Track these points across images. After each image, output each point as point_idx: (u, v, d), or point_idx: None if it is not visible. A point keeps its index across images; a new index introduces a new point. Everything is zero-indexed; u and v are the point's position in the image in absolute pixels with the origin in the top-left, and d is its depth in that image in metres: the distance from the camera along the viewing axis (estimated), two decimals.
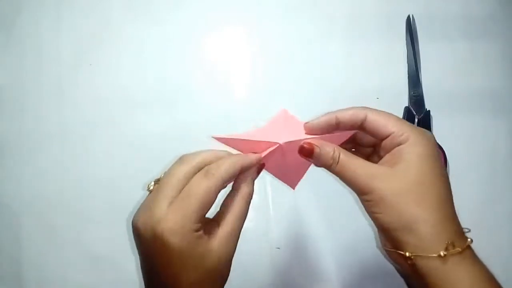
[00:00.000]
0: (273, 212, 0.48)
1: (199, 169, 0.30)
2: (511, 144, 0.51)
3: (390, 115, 0.31)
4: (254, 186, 0.32)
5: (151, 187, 0.31)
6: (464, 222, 0.49)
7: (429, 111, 0.50)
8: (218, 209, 0.32)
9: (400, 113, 0.50)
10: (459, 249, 0.28)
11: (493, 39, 0.52)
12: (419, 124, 0.49)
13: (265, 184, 0.48)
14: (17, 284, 0.48)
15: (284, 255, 0.48)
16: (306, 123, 0.33)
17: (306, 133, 0.33)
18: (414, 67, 0.50)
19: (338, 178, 0.32)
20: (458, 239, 0.28)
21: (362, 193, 0.30)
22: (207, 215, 0.30)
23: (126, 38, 0.51)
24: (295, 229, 0.48)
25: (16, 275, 0.48)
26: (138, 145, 0.49)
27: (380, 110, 0.31)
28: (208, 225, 0.30)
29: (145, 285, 0.32)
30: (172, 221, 0.28)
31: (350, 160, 0.30)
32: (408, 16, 0.51)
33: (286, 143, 0.32)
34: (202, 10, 0.51)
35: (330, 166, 0.31)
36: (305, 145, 0.32)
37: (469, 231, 0.31)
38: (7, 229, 0.49)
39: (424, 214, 0.28)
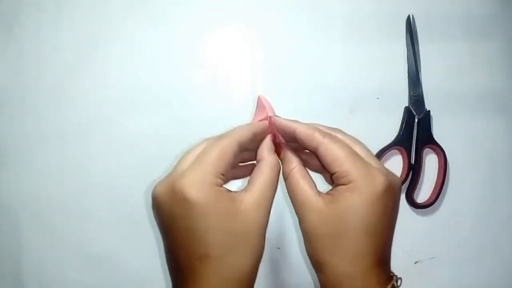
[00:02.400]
0: (273, 212, 0.48)
1: None
2: (511, 144, 0.51)
3: (343, 148, 0.29)
4: None
5: None
6: (464, 222, 0.50)
7: (429, 111, 0.50)
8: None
9: (400, 113, 0.50)
10: None
11: (493, 39, 0.52)
12: (419, 124, 0.49)
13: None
14: (17, 284, 0.48)
15: (284, 255, 0.48)
16: (275, 116, 0.34)
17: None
18: (414, 67, 0.50)
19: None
20: None
21: (298, 217, 0.30)
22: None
23: (125, 38, 0.51)
24: (295, 229, 0.48)
25: (16, 275, 0.48)
26: (138, 145, 0.49)
27: (338, 139, 0.30)
28: (234, 193, 0.29)
29: (170, 268, 0.30)
30: (191, 175, 0.27)
31: (298, 182, 0.30)
32: (408, 16, 0.51)
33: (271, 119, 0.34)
34: (201, 10, 0.51)
35: (284, 177, 0.32)
36: (276, 145, 0.33)
37: (399, 279, 0.30)
38: (7, 229, 0.49)
39: (332, 262, 0.28)
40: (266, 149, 0.32)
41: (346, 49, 0.51)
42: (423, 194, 0.50)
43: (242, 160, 0.35)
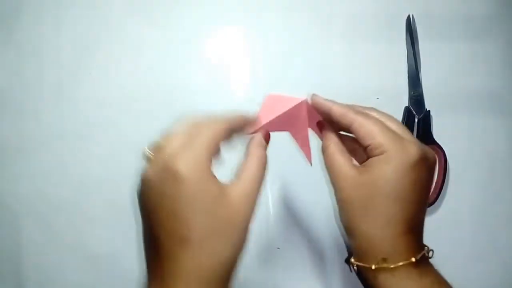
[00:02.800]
0: (273, 212, 0.48)
1: None
2: (511, 144, 0.51)
3: (377, 124, 0.30)
4: None
5: (148, 153, 0.31)
6: (464, 222, 0.50)
7: (429, 111, 0.50)
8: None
9: (400, 113, 0.50)
10: (390, 265, 0.29)
11: (493, 39, 0.52)
12: (419, 124, 0.49)
13: (265, 184, 0.48)
14: (17, 284, 0.48)
15: (284, 255, 0.48)
16: (314, 95, 0.35)
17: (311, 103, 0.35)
18: (414, 67, 0.50)
19: None
20: (398, 255, 0.29)
21: (333, 188, 0.31)
22: None
23: (125, 38, 0.51)
24: (295, 229, 0.48)
25: (16, 275, 0.48)
26: (138, 145, 0.49)
27: (371, 116, 0.32)
28: (223, 184, 0.29)
29: (146, 253, 0.30)
30: (184, 153, 0.27)
31: (334, 154, 0.32)
32: (408, 16, 0.51)
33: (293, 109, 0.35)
34: (201, 11, 0.51)
35: (323, 151, 0.33)
36: (319, 124, 0.35)
37: (431, 250, 0.32)
38: (7, 229, 0.49)
39: (363, 227, 0.30)
40: (255, 143, 0.32)
41: (346, 49, 0.51)
42: None
43: None
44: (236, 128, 0.31)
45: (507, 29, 0.52)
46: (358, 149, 0.34)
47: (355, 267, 0.32)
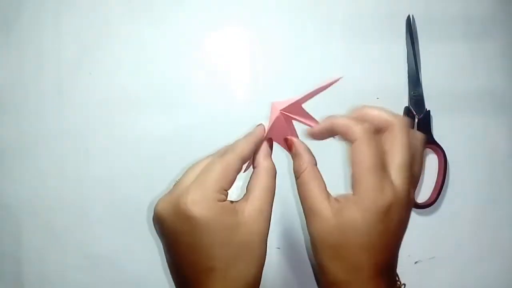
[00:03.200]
0: (273, 212, 0.48)
1: None
2: (511, 144, 0.51)
3: (371, 157, 0.28)
4: None
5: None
6: (464, 222, 0.50)
7: (429, 111, 0.50)
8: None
9: (400, 113, 0.50)
10: None
11: (493, 39, 0.52)
12: (419, 124, 0.49)
13: None
14: (17, 284, 0.48)
15: (284, 255, 0.48)
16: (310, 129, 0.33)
17: (307, 136, 0.33)
18: (414, 67, 0.50)
19: (338, 178, 0.32)
20: None
21: (306, 220, 0.30)
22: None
23: (126, 38, 0.51)
24: (295, 229, 0.48)
25: (16, 275, 0.48)
26: (138, 145, 0.49)
27: (373, 138, 0.29)
28: (235, 204, 0.29)
29: (174, 279, 0.30)
30: (194, 193, 0.27)
31: (309, 184, 0.30)
32: (408, 16, 0.51)
33: (283, 114, 0.33)
34: (201, 11, 0.51)
35: (295, 176, 0.32)
36: (288, 141, 0.33)
37: (403, 285, 0.32)
38: (7, 229, 0.49)
39: (332, 269, 0.29)
40: (262, 155, 0.32)
41: (346, 49, 0.51)
42: (423, 194, 0.50)
43: None
44: (247, 155, 0.31)
45: (507, 29, 0.52)
46: None
47: None
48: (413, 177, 0.30)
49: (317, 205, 0.29)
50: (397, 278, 0.32)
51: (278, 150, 0.35)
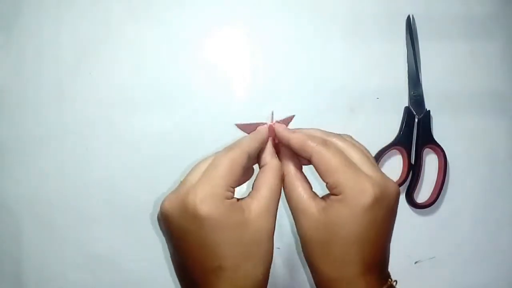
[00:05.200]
0: None
1: None
2: (511, 144, 0.51)
3: (336, 156, 0.29)
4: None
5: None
6: (464, 222, 0.50)
7: (429, 111, 0.50)
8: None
9: (400, 113, 0.50)
10: None
11: (493, 39, 0.52)
12: (419, 124, 0.49)
13: None
14: (17, 284, 0.48)
15: (284, 255, 0.48)
16: (276, 123, 0.34)
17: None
18: (414, 67, 0.50)
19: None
20: None
21: (293, 219, 0.31)
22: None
23: (125, 38, 0.51)
24: (295, 229, 0.48)
25: (16, 275, 0.48)
26: (138, 145, 0.49)
27: (332, 146, 0.30)
28: (242, 202, 0.29)
29: (180, 279, 0.30)
30: (201, 190, 0.27)
31: (293, 183, 0.31)
32: (408, 16, 0.51)
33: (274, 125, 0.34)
34: (201, 11, 0.51)
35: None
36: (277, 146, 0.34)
37: (394, 281, 0.31)
38: (7, 229, 0.49)
39: (322, 267, 0.30)
40: (268, 154, 0.32)
41: (346, 49, 0.51)
42: (423, 194, 0.50)
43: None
44: (254, 151, 0.31)
45: (507, 29, 0.52)
46: None
47: None
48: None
49: (303, 203, 0.30)
50: (388, 275, 0.31)
51: None
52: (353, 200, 0.28)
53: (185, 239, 0.28)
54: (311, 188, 0.31)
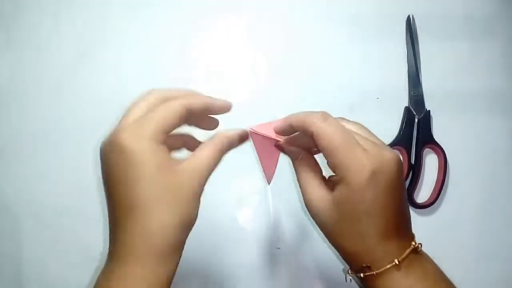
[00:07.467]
0: (273, 212, 0.48)
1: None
2: (511, 144, 0.51)
3: (336, 135, 0.29)
4: (254, 186, 0.32)
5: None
6: (464, 222, 0.50)
7: (429, 111, 0.50)
8: None
9: (400, 113, 0.50)
10: (374, 272, 0.30)
11: (493, 39, 0.52)
12: (419, 124, 0.49)
13: (265, 184, 0.48)
14: (17, 284, 0.48)
15: (284, 255, 0.48)
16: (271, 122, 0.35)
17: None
18: (414, 67, 0.50)
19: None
20: (380, 262, 0.30)
21: (305, 206, 0.33)
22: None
23: (125, 38, 0.51)
24: (295, 229, 0.48)
25: (16, 275, 0.48)
26: None
27: (333, 124, 0.30)
28: (176, 158, 0.29)
29: (108, 211, 0.30)
30: (132, 129, 0.28)
31: (302, 170, 0.33)
32: (408, 16, 0.51)
33: (257, 134, 0.35)
34: (202, 11, 0.51)
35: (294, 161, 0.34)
36: (277, 144, 0.35)
37: (419, 244, 0.33)
38: (7, 229, 0.49)
39: (341, 244, 0.31)
40: (226, 134, 0.32)
41: (347, 49, 0.51)
42: (423, 194, 0.50)
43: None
44: (195, 109, 0.31)
45: (507, 29, 0.52)
46: None
47: (350, 277, 0.34)
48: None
49: (312, 188, 0.32)
50: (412, 238, 0.32)
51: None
52: (352, 180, 0.29)
53: (110, 172, 0.28)
54: (321, 172, 0.33)
